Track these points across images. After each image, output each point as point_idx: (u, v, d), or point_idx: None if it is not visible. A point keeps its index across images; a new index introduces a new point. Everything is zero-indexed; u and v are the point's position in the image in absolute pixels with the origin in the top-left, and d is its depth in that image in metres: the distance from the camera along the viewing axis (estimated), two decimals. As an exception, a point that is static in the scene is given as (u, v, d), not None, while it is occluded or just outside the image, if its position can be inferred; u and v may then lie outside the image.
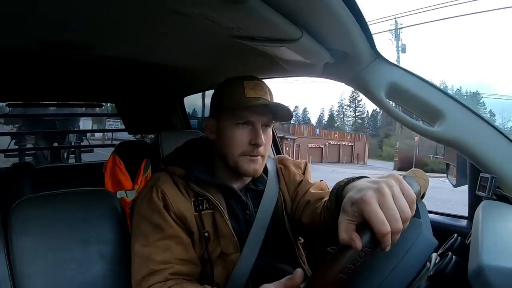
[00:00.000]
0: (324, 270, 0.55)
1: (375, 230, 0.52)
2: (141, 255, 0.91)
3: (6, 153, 4.31)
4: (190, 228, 0.95)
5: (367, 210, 0.53)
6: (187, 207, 0.95)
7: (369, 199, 0.54)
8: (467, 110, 0.87)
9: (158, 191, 0.95)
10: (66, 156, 6.89)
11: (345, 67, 0.94)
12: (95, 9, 0.80)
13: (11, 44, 1.07)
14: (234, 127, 0.94)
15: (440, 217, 1.27)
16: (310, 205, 0.98)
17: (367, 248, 0.54)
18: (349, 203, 0.57)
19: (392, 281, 0.60)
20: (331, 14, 0.69)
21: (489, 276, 0.53)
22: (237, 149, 0.94)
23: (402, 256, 0.61)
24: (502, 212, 0.76)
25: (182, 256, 0.91)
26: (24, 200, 1.08)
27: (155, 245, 0.91)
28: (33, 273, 1.00)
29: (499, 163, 0.84)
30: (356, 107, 45.17)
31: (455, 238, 0.74)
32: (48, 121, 6.17)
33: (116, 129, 6.19)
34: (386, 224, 0.52)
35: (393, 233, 0.53)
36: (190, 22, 0.82)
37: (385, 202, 0.53)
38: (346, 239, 0.54)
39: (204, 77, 1.58)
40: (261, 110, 0.94)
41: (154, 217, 0.93)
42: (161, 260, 0.88)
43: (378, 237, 0.53)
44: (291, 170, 1.11)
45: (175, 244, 0.91)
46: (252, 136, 0.94)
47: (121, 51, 1.20)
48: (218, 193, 0.98)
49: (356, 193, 0.57)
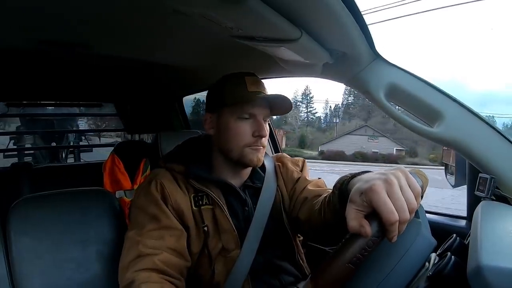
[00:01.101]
0: (333, 259, 0.55)
1: (384, 218, 0.54)
2: (132, 239, 0.91)
3: (5, 153, 4.30)
4: (187, 222, 0.96)
5: (376, 199, 0.54)
6: (185, 201, 0.97)
7: (378, 188, 0.55)
8: (466, 110, 0.87)
9: (157, 183, 0.96)
10: (64, 156, 6.87)
11: (345, 68, 0.94)
12: (94, 8, 0.80)
13: (9, 43, 1.07)
14: (238, 121, 0.97)
15: (439, 217, 1.27)
16: (307, 202, 1.00)
17: (375, 237, 0.55)
18: (357, 193, 0.58)
19: (391, 280, 0.60)
20: (331, 14, 0.69)
21: (488, 276, 0.53)
22: (241, 142, 0.97)
23: (401, 256, 0.61)
24: (501, 212, 0.76)
25: (174, 246, 0.91)
26: (23, 200, 1.08)
27: (149, 235, 0.91)
28: (31, 273, 1.00)
29: (498, 164, 0.84)
30: (308, 103, 45.29)
31: (454, 238, 0.74)
32: (46, 121, 6.16)
33: (116, 129, 6.16)
34: (395, 213, 0.53)
35: (400, 222, 0.54)
36: (189, 22, 0.82)
37: (393, 192, 0.55)
38: (356, 226, 0.55)
39: (203, 77, 1.58)
40: (263, 104, 0.98)
41: (150, 208, 0.94)
42: (152, 245, 0.89)
43: (386, 225, 0.54)
44: (288, 168, 1.13)
45: (169, 235, 0.91)
46: (256, 128, 0.97)
47: (119, 51, 1.20)
48: (217, 189, 0.99)
49: (364, 183, 0.58)
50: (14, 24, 0.90)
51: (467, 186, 1.11)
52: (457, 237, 0.75)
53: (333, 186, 0.79)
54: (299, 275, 1.05)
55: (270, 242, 1.01)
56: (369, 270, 0.61)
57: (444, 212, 1.30)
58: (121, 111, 2.58)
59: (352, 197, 0.59)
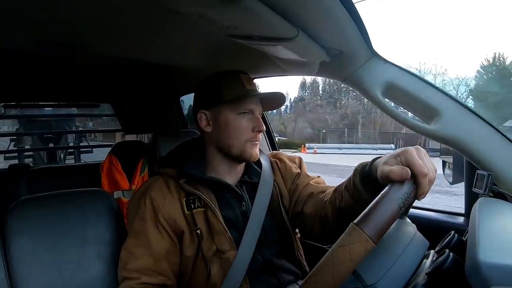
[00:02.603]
0: (378, 203, 0.58)
1: (418, 171, 0.62)
2: (121, 257, 0.98)
3: (5, 154, 4.29)
4: (180, 227, 0.97)
5: (410, 156, 0.64)
6: (176, 208, 0.98)
7: (411, 150, 0.66)
8: (463, 107, 0.88)
9: (146, 198, 0.99)
10: (63, 157, 6.85)
11: (341, 66, 0.94)
12: (91, 8, 0.80)
13: (6, 43, 1.06)
14: (238, 117, 0.99)
15: (437, 214, 1.27)
16: (314, 197, 1.04)
17: (412, 187, 0.62)
18: (392, 157, 0.68)
19: (389, 280, 0.61)
20: (327, 12, 0.69)
21: (486, 273, 0.54)
22: (243, 137, 1.00)
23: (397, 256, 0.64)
24: (499, 209, 0.77)
25: (152, 267, 0.94)
26: (21, 201, 1.08)
27: (130, 251, 0.97)
28: (30, 274, 1.00)
29: (495, 160, 0.85)
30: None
31: (452, 235, 0.75)
32: (44, 122, 6.14)
33: (117, 129, 6.14)
34: (425, 168, 0.63)
35: (429, 181, 0.63)
36: (186, 21, 0.82)
37: (421, 155, 0.65)
38: (399, 169, 0.63)
39: (200, 76, 1.56)
40: (258, 100, 1.02)
41: (135, 223, 0.99)
42: (131, 268, 0.94)
43: (420, 178, 0.62)
44: (287, 163, 1.15)
45: (147, 255, 0.95)
46: (255, 124, 1.00)
47: (116, 51, 1.20)
48: (209, 190, 1.00)
49: (397, 151, 0.69)
50: (11, 24, 0.90)
51: (464, 183, 1.12)
52: (455, 233, 0.75)
53: (353, 171, 0.86)
54: (299, 273, 1.05)
55: (269, 239, 1.02)
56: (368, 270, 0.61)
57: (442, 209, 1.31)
58: (118, 111, 2.57)
59: (387, 161, 0.69)
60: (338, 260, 0.53)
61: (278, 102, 1.07)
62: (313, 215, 1.01)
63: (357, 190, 0.82)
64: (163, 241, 0.96)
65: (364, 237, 0.53)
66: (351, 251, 0.53)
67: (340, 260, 0.53)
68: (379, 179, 0.69)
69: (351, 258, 0.53)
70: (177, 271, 0.99)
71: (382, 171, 0.67)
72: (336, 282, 0.52)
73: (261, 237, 0.99)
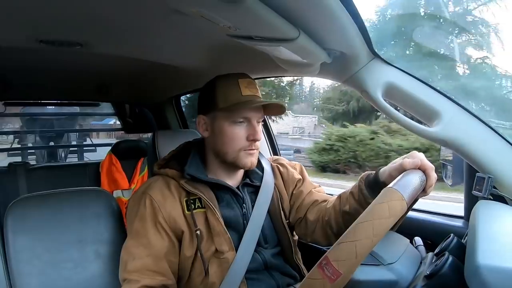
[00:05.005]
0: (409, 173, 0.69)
1: (427, 165, 0.75)
2: (121, 258, 0.96)
3: (8, 151, 4.30)
4: (181, 228, 0.97)
5: (416, 155, 0.77)
6: (177, 208, 0.97)
7: (415, 151, 0.79)
8: (464, 110, 0.88)
9: (146, 198, 0.98)
10: (64, 155, 6.84)
11: (342, 67, 0.94)
12: (92, 7, 0.80)
13: (6, 41, 1.06)
14: (232, 125, 0.97)
15: (436, 216, 1.27)
16: (318, 204, 1.06)
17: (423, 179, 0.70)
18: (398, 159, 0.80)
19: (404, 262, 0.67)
20: (329, 14, 0.69)
21: (485, 276, 0.53)
22: (236, 146, 0.98)
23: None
24: (498, 211, 0.77)
25: (151, 267, 0.93)
26: (20, 199, 1.08)
27: (130, 251, 0.95)
28: (29, 273, 1.00)
29: (495, 163, 0.85)
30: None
31: (451, 237, 0.75)
32: (46, 121, 6.14)
33: (117, 129, 6.14)
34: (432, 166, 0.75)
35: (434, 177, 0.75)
36: (187, 21, 0.82)
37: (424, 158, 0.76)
38: (410, 159, 0.76)
39: (200, 76, 1.57)
40: (257, 107, 0.98)
41: (135, 223, 0.97)
42: (131, 268, 0.93)
43: (429, 171, 0.74)
44: (288, 169, 1.15)
45: (147, 255, 0.93)
46: (250, 132, 0.98)
47: (117, 50, 1.20)
48: (210, 191, 1.00)
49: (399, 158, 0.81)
50: (12, 23, 0.90)
51: (464, 185, 1.11)
52: (455, 236, 0.75)
53: (359, 179, 0.93)
54: (297, 275, 1.06)
55: (268, 241, 1.02)
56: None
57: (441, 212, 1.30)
58: (119, 111, 2.57)
59: (396, 161, 0.80)
60: (378, 216, 0.55)
61: (278, 110, 1.04)
62: (316, 221, 1.02)
63: (362, 194, 0.89)
64: (163, 241, 0.96)
65: (400, 195, 0.58)
66: (390, 207, 0.56)
67: (381, 215, 0.55)
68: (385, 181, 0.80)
69: (390, 213, 0.56)
70: (176, 271, 0.98)
71: (391, 168, 0.79)
72: (375, 238, 0.54)
73: (260, 239, 1.00)
